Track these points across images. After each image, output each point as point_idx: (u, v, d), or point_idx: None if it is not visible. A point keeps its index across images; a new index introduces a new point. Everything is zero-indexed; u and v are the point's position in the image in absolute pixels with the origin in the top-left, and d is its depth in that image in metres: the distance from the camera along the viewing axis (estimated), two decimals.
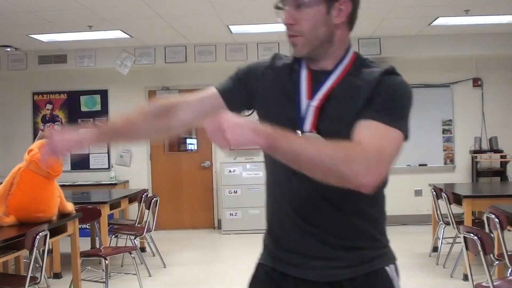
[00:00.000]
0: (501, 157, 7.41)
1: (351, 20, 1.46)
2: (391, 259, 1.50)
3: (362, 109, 1.37)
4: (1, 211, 3.58)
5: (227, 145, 1.21)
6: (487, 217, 3.67)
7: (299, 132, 1.42)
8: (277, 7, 1.44)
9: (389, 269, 1.47)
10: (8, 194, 3.61)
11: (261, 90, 1.54)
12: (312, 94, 1.44)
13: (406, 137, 1.37)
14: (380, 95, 1.37)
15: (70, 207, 4.09)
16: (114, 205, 5.61)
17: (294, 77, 1.49)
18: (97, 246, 5.39)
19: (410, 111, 1.40)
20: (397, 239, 6.35)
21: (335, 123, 1.40)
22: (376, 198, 1.46)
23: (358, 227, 1.45)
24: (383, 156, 1.28)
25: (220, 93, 1.57)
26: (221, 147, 1.24)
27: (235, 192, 7.42)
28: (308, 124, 1.42)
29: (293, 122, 1.43)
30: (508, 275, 3.54)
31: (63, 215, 3.97)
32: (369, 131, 1.32)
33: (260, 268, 1.57)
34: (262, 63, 1.57)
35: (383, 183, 1.43)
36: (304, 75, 1.47)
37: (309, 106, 1.43)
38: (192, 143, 8.20)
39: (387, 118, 1.33)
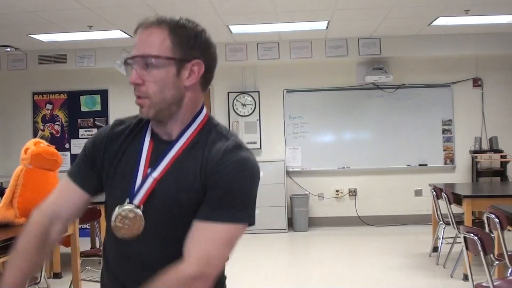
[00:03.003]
0: (501, 157, 7.41)
1: (204, 81, 1.39)
2: None
3: (195, 191, 1.30)
4: (11, 214, 3.55)
5: None
6: (487, 217, 3.67)
7: (129, 204, 1.33)
8: (126, 63, 1.34)
9: None
10: (14, 197, 3.59)
11: (105, 161, 1.41)
12: (151, 163, 1.35)
13: (250, 224, 1.31)
14: (218, 186, 1.28)
15: None
16: None
17: (134, 143, 1.39)
18: (97, 246, 5.38)
19: (255, 192, 1.33)
20: (397, 239, 6.38)
21: (167, 199, 1.32)
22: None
23: None
24: (206, 268, 1.24)
25: (73, 181, 1.44)
26: None
27: None
28: (139, 197, 1.33)
29: (126, 192, 1.35)
30: (508, 275, 3.55)
31: None
32: (198, 239, 1.26)
33: None
34: (103, 132, 1.45)
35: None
36: (146, 142, 1.38)
37: (148, 176, 1.33)
38: None
39: (224, 216, 1.26)
